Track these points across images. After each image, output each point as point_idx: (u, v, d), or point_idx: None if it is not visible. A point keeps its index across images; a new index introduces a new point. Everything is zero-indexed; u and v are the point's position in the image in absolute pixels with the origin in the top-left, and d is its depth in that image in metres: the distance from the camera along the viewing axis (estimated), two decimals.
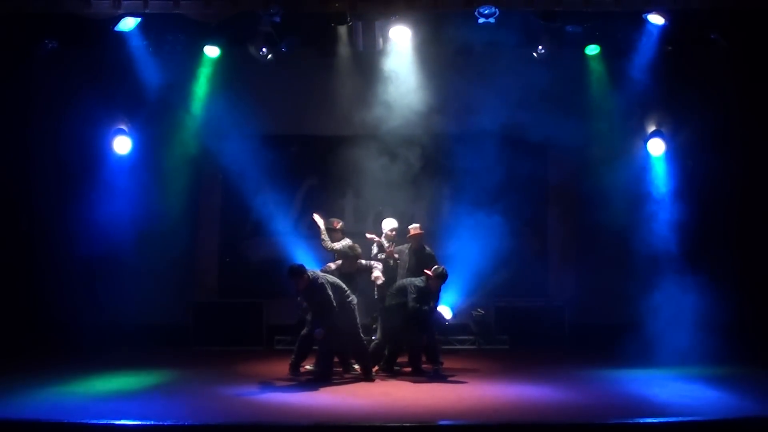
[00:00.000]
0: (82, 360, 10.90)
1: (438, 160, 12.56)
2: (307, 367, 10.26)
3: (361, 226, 12.44)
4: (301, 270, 9.63)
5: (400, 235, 10.91)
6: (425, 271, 10.19)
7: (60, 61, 12.15)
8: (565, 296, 12.37)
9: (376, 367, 10.16)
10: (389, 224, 10.90)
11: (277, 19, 11.10)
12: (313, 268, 10.05)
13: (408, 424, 7.55)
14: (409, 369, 10.27)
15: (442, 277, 10.09)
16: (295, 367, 10.07)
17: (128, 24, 10.86)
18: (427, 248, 10.72)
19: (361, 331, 9.99)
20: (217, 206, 12.67)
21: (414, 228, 10.81)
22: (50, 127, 12.43)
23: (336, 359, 10.11)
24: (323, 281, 9.66)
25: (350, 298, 9.87)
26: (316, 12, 10.78)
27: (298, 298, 10.15)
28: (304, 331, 10.02)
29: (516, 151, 12.43)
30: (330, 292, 9.60)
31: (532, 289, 12.43)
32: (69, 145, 12.37)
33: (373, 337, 10.50)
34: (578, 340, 12.08)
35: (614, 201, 12.41)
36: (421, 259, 10.61)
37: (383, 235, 10.82)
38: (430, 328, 10.26)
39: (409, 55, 12.07)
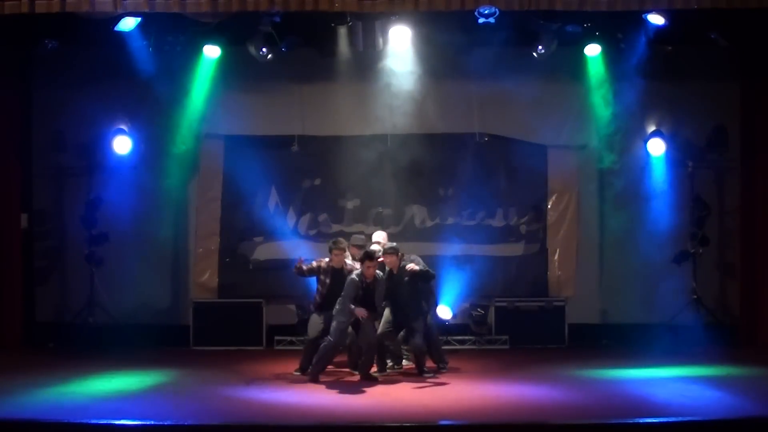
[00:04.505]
0: (82, 360, 10.88)
1: (437, 159, 12.53)
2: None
3: (361, 226, 12.45)
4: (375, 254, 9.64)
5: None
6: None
7: (60, 60, 12.15)
8: (565, 296, 12.35)
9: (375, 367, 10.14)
10: (377, 236, 10.59)
11: (277, 19, 11.10)
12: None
13: (408, 424, 7.55)
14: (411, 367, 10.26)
15: (367, 257, 9.55)
16: (315, 375, 9.79)
17: (128, 24, 10.84)
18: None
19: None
20: (218, 206, 12.65)
21: (386, 249, 9.97)
22: (50, 127, 12.42)
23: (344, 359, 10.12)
24: (356, 275, 9.62)
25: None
26: (316, 12, 10.75)
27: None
28: (324, 341, 9.76)
29: (516, 151, 12.45)
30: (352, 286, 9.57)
31: (532, 289, 12.41)
32: (69, 144, 12.37)
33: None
34: (578, 340, 12.08)
35: (614, 201, 12.41)
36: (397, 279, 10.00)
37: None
38: (428, 329, 10.22)
39: (410, 55, 12.05)
